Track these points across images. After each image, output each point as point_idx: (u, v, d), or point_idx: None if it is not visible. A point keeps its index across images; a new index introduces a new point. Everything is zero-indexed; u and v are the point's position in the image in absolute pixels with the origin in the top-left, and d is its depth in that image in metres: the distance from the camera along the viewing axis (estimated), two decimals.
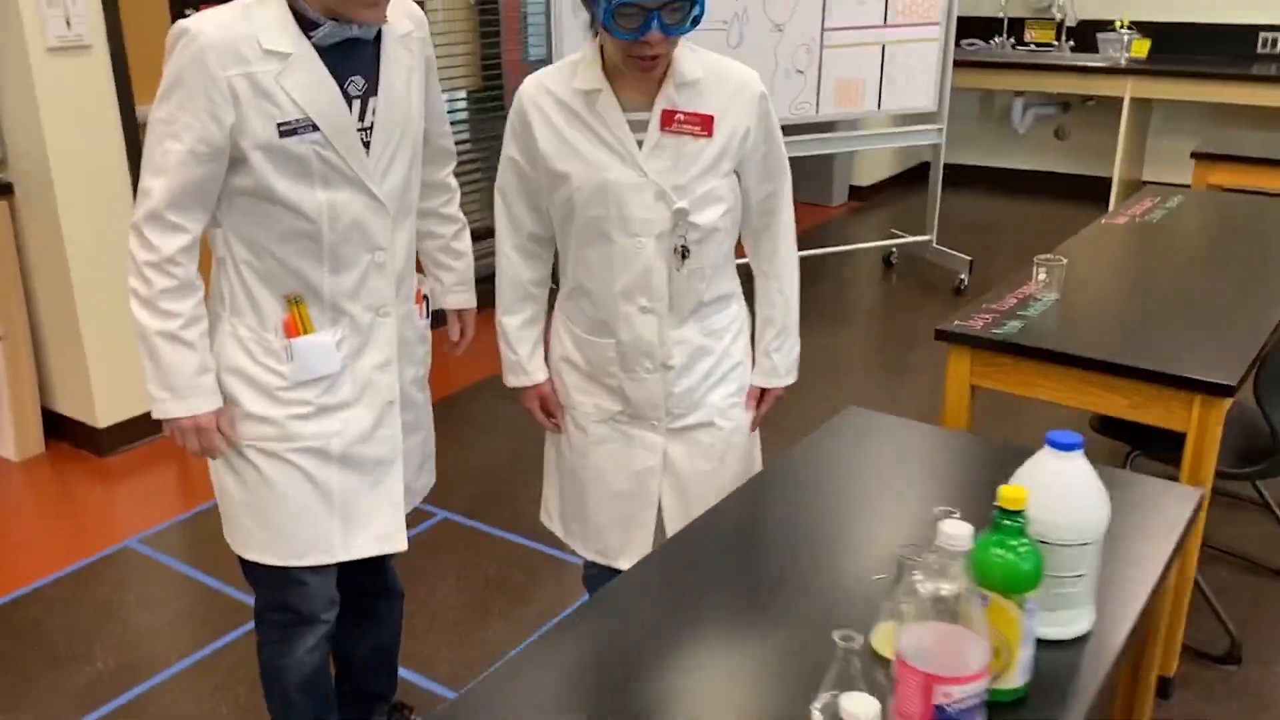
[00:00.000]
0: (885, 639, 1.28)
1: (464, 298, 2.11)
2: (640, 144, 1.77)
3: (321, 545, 1.82)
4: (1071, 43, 6.79)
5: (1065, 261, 2.61)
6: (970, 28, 6.94)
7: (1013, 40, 6.97)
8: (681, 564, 1.52)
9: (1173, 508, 1.63)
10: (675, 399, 1.94)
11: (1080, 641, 1.33)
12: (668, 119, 1.76)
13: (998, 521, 1.19)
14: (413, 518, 3.18)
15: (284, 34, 1.59)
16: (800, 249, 2.36)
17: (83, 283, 3.44)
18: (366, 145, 1.68)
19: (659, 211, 1.79)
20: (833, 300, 5.21)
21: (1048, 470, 1.30)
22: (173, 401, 1.68)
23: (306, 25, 1.62)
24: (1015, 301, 2.57)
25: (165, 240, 1.62)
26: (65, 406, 3.65)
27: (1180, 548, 1.56)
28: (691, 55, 1.79)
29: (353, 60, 1.66)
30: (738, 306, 2.01)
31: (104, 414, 3.58)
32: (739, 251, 1.97)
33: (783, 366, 2.02)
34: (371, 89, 1.68)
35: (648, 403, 1.94)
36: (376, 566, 2.08)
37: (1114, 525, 1.57)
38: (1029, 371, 2.35)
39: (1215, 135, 5.53)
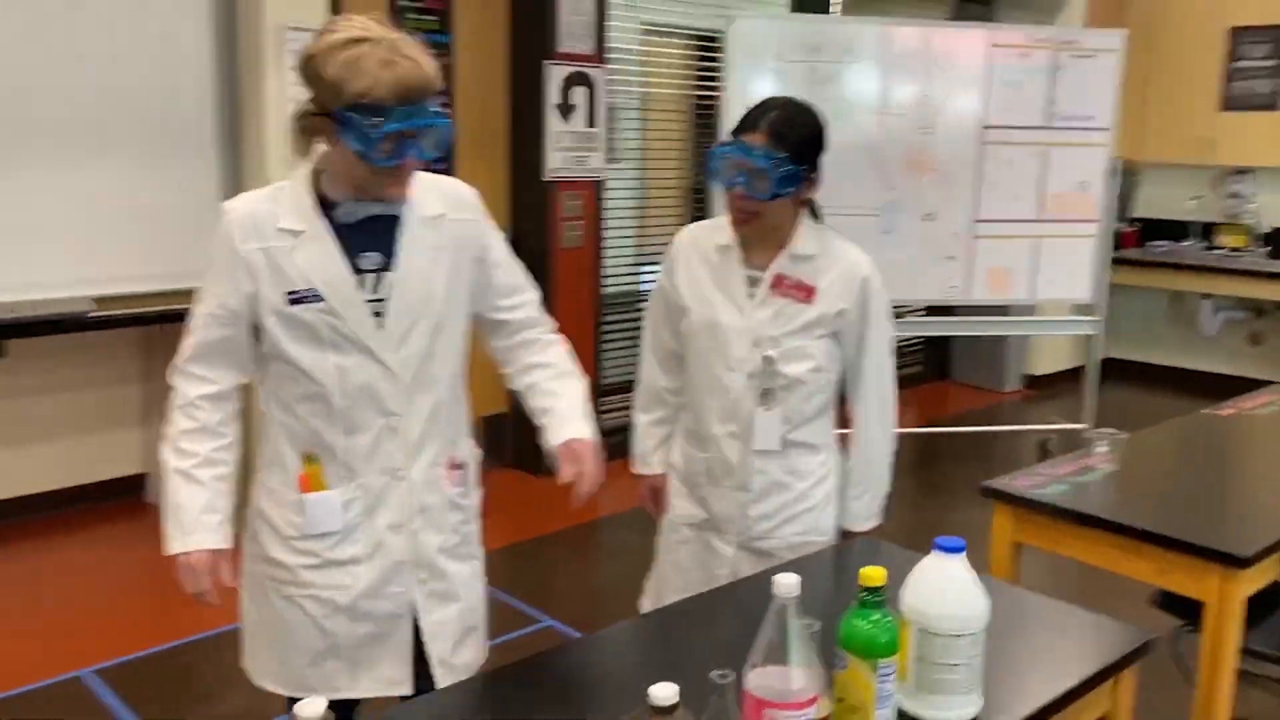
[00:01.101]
0: None
1: (570, 428, 1.93)
2: (751, 296, 2.15)
3: (328, 684, 1.90)
4: (1269, 248, 6.73)
5: (1126, 436, 2.74)
6: (1158, 230, 7.01)
7: (1205, 244, 6.97)
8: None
9: (1111, 645, 1.77)
10: (750, 520, 2.22)
11: None
12: (777, 282, 2.13)
13: (860, 597, 1.43)
14: (516, 622, 3.52)
15: (298, 214, 1.74)
16: (956, 426, 2.60)
17: None
18: (380, 315, 1.77)
19: (753, 354, 2.14)
20: (973, 479, 5.27)
21: (932, 569, 1.53)
22: (177, 537, 1.77)
23: (329, 204, 1.75)
24: (1073, 469, 2.71)
25: (189, 387, 1.80)
26: None
27: (1102, 680, 1.70)
28: (813, 234, 2.15)
29: (373, 236, 1.77)
30: (826, 456, 2.26)
31: None
32: None
33: (862, 513, 2.29)
34: (388, 264, 1.78)
35: (725, 516, 2.23)
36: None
37: (1038, 644, 1.74)
38: (1064, 533, 2.49)
39: None
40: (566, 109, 4.73)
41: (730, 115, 4.65)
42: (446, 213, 1.85)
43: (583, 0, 4.73)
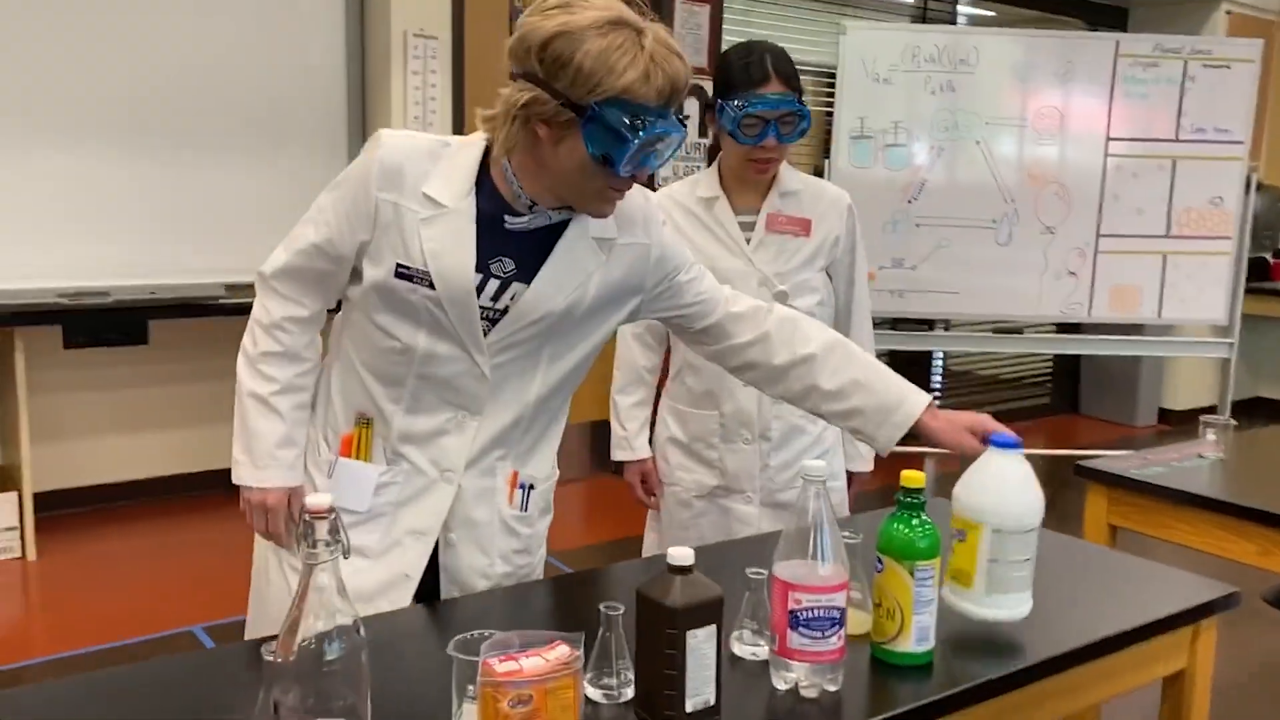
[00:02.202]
0: None
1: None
2: (748, 240, 2.16)
3: None
4: None
5: (1234, 423, 2.62)
6: None
7: None
8: None
9: (1191, 594, 1.70)
10: (770, 472, 2.22)
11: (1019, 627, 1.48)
12: (772, 221, 2.16)
13: (900, 500, 1.42)
14: None
15: (450, 186, 1.50)
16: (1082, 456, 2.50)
17: None
18: (492, 323, 1.55)
19: (763, 296, 2.13)
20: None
21: (993, 468, 1.50)
22: (249, 468, 1.61)
23: (491, 193, 1.52)
24: (1176, 456, 2.60)
25: (276, 306, 1.61)
26: None
27: (1178, 624, 1.63)
28: (792, 171, 2.20)
29: (515, 243, 1.53)
30: None
31: None
32: None
33: (867, 452, 2.29)
34: (523, 277, 1.54)
35: (745, 473, 2.21)
36: None
37: (1119, 590, 1.68)
38: (1163, 514, 2.39)
39: None
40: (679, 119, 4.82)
41: (842, 124, 4.66)
42: (618, 236, 1.58)
43: (695, 14, 4.84)
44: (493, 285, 1.53)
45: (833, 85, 4.79)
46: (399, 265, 1.51)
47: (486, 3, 4.39)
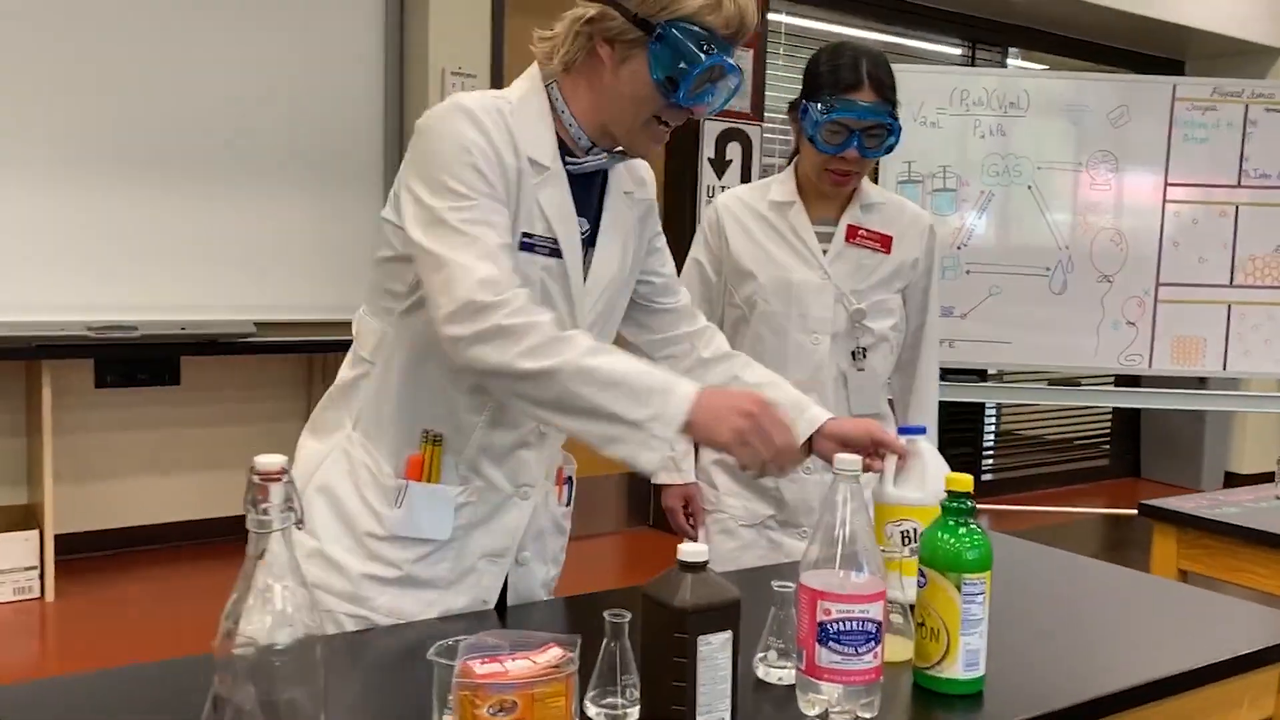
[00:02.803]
0: None
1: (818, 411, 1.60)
2: (825, 252, 2.03)
3: None
4: None
5: None
6: None
7: None
8: None
9: (1269, 632, 1.51)
10: None
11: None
12: (852, 233, 2.02)
13: (946, 506, 1.26)
14: None
15: (541, 146, 1.40)
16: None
17: None
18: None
19: (837, 313, 2.01)
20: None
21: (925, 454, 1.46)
22: (667, 392, 1.30)
23: (561, 147, 1.43)
24: (1251, 498, 2.41)
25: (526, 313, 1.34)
26: None
27: (1261, 664, 1.44)
28: (873, 185, 2.07)
29: (581, 199, 1.45)
30: (891, 427, 2.12)
31: None
32: None
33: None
34: (589, 239, 1.47)
35: (802, 505, 2.05)
36: None
37: (1192, 627, 1.51)
38: (1237, 555, 2.20)
39: None
40: (721, 164, 4.74)
41: (889, 168, 4.55)
42: (634, 190, 1.56)
43: (739, 59, 4.77)
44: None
45: None
46: (524, 235, 1.38)
47: (525, 42, 4.37)
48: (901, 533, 1.49)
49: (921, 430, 1.53)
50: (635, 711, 1.11)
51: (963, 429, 6.02)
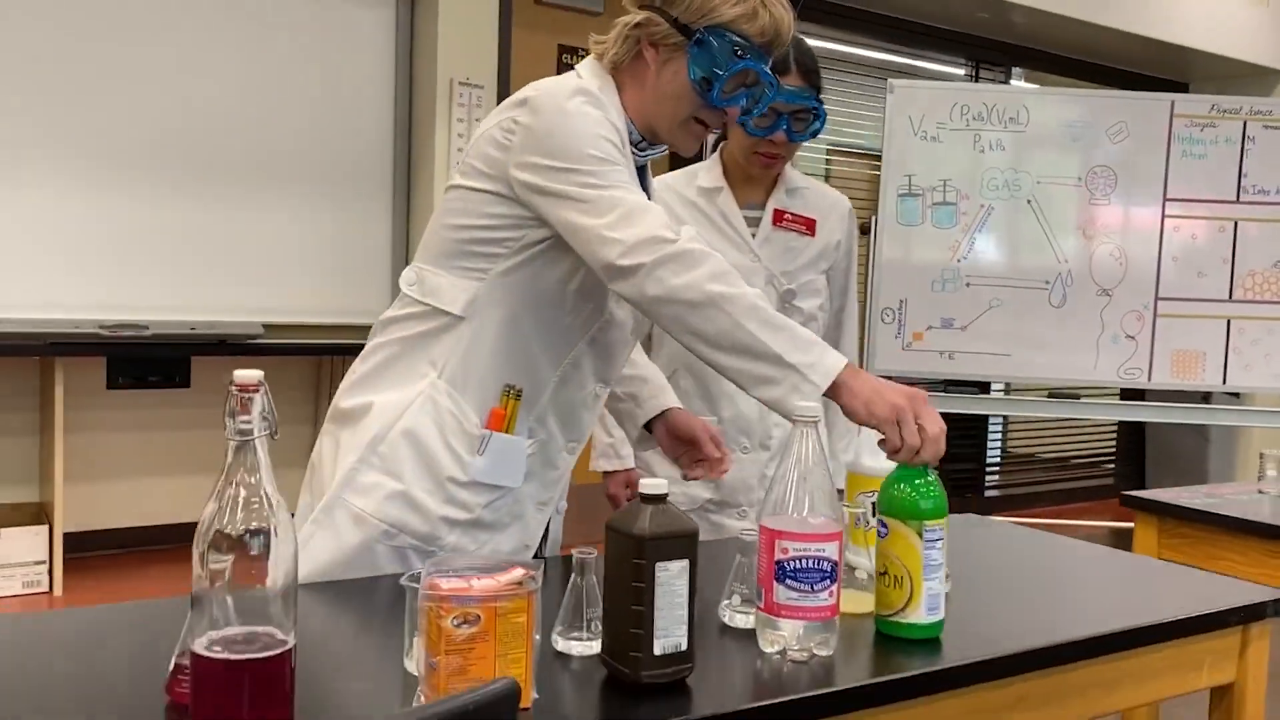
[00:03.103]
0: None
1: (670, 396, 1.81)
2: (754, 235, 2.08)
3: None
4: None
5: None
6: None
7: None
8: None
9: (1238, 598, 1.55)
10: (768, 484, 2.08)
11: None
12: (778, 216, 2.08)
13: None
14: None
15: (622, 129, 1.52)
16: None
17: None
18: None
19: (768, 294, 2.05)
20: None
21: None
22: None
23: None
24: (1232, 491, 2.44)
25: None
26: None
27: (1221, 625, 1.48)
28: (794, 170, 2.14)
29: None
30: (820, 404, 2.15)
31: None
32: None
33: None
34: None
35: (740, 485, 2.07)
36: None
37: (1159, 594, 1.54)
38: (1216, 543, 2.23)
39: None
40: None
41: (889, 181, 4.61)
42: (661, 190, 1.73)
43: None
44: None
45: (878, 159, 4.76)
46: None
47: (532, 52, 4.47)
48: (873, 503, 1.54)
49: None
50: (599, 644, 1.16)
51: (966, 445, 6.05)
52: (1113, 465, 6.64)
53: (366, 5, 4.27)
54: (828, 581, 1.19)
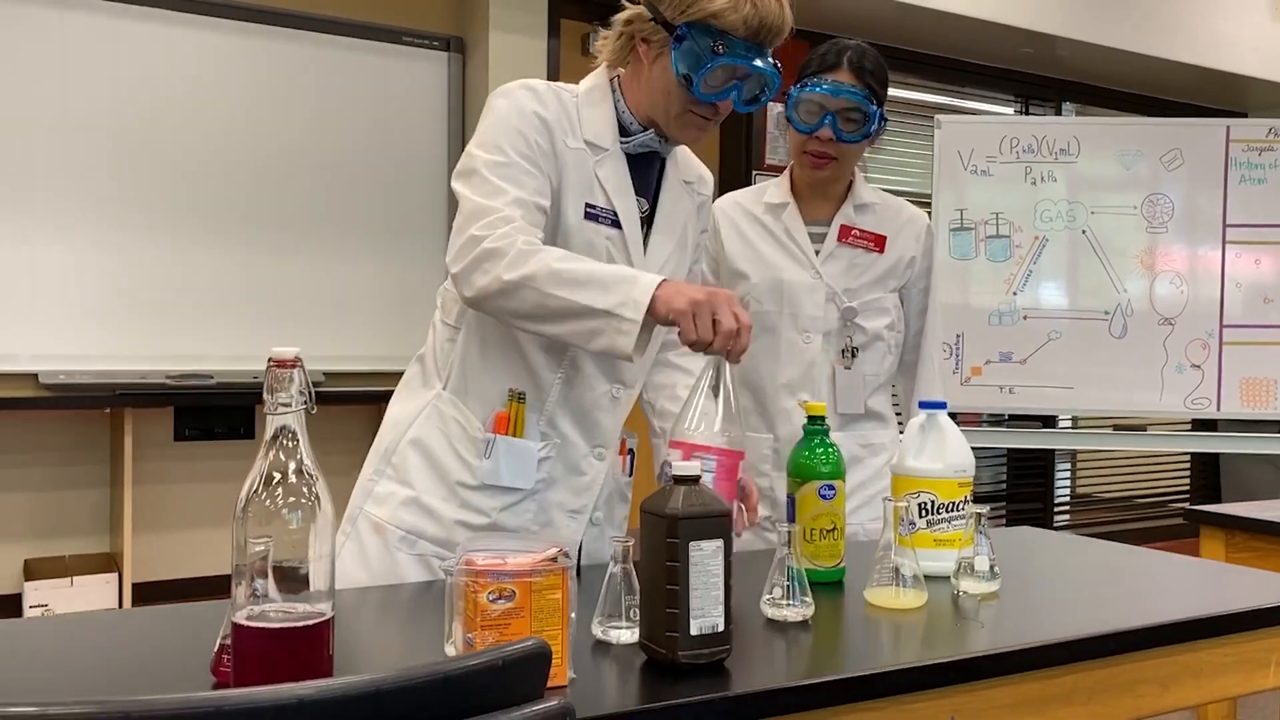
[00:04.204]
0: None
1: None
2: (817, 252, 2.06)
3: None
4: None
5: None
6: None
7: None
8: None
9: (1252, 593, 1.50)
10: None
11: None
12: (844, 233, 2.06)
13: (805, 429, 1.50)
14: None
15: (599, 129, 1.58)
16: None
17: None
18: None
19: (829, 311, 2.04)
20: None
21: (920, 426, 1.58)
22: (631, 282, 1.38)
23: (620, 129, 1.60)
24: None
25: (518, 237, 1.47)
26: None
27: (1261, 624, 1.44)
28: (869, 186, 2.12)
29: (640, 182, 1.61)
30: (893, 431, 2.12)
31: None
32: None
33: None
34: (648, 218, 1.63)
35: (777, 500, 2.03)
36: None
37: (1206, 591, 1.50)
38: None
39: None
40: None
41: (941, 216, 4.60)
42: (695, 184, 1.73)
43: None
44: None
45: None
46: (587, 205, 1.54)
47: None
48: (919, 505, 1.54)
49: (943, 405, 1.59)
50: (638, 631, 1.16)
51: (1033, 484, 5.93)
52: (1185, 502, 6.44)
53: (420, 58, 4.39)
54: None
